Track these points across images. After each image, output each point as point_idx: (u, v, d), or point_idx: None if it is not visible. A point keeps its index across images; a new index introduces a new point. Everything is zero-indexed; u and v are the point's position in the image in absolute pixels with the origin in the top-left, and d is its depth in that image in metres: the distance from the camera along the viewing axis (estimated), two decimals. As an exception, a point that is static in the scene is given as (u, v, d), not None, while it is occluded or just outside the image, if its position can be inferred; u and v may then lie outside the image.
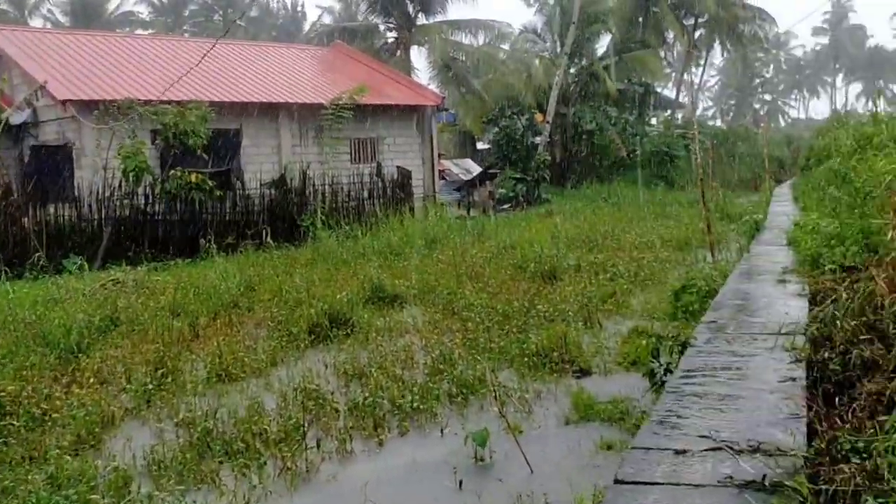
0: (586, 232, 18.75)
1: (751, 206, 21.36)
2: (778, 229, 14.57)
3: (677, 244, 16.79)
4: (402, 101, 25.72)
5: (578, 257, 15.03)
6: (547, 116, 32.06)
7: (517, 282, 13.29)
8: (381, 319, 11.25)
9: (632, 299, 11.77)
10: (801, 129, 61.77)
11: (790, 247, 12.17)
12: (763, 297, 8.76)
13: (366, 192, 23.35)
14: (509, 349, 9.17)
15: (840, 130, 20.60)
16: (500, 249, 16.51)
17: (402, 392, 7.82)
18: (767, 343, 6.78)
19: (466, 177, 30.63)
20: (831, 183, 15.10)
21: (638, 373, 8.06)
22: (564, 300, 11.60)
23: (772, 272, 10.30)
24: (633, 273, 13.50)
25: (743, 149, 40.48)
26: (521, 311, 10.89)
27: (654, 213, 22.91)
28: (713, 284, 10.27)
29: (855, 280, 8.68)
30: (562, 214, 24.53)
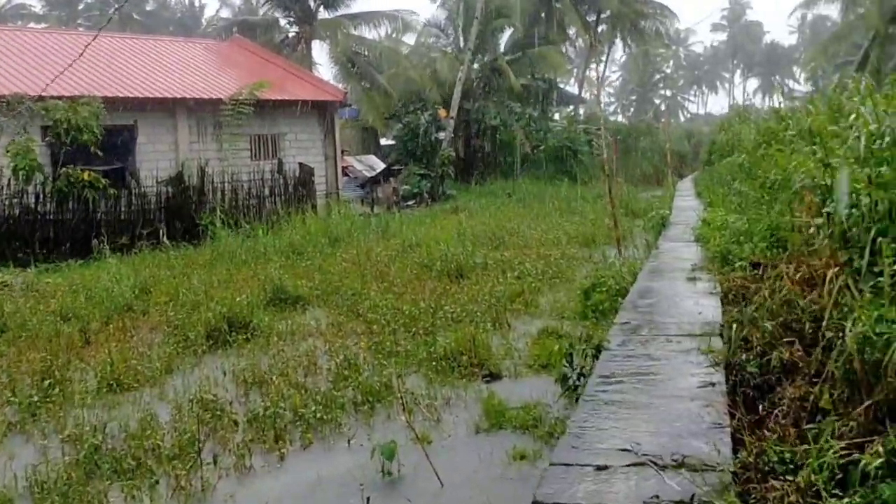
0: (492, 229, 18.57)
1: (656, 202, 21.62)
2: (684, 225, 14.65)
3: (583, 240, 16.77)
4: (303, 97, 25.03)
5: (485, 255, 14.79)
6: (451, 112, 31.84)
7: (423, 281, 12.96)
8: (282, 322, 10.75)
9: (540, 298, 11.58)
10: (701, 123, 63.61)
11: (698, 243, 12.20)
12: (675, 296, 8.66)
13: (267, 190, 22.59)
14: (416, 353, 8.82)
15: (742, 125, 21.05)
16: (405, 247, 16.14)
17: (305, 401, 7.38)
18: (683, 345, 6.62)
19: (370, 173, 30.12)
20: (736, 178, 15.32)
21: (549, 376, 7.82)
22: (472, 300, 11.32)
23: (681, 269, 10.24)
24: (541, 271, 13.34)
25: (645, 144, 41.27)
26: (428, 312, 10.55)
27: (559, 209, 22.96)
28: (623, 283, 10.16)
29: (765, 277, 8.70)
30: (467, 211, 24.38)
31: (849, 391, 4.83)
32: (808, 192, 7.33)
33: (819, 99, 13.26)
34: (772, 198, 11.44)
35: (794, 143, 12.05)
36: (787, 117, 14.55)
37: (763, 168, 13.15)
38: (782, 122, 14.52)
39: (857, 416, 4.58)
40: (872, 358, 4.65)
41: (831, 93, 12.94)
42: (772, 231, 10.25)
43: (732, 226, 10.86)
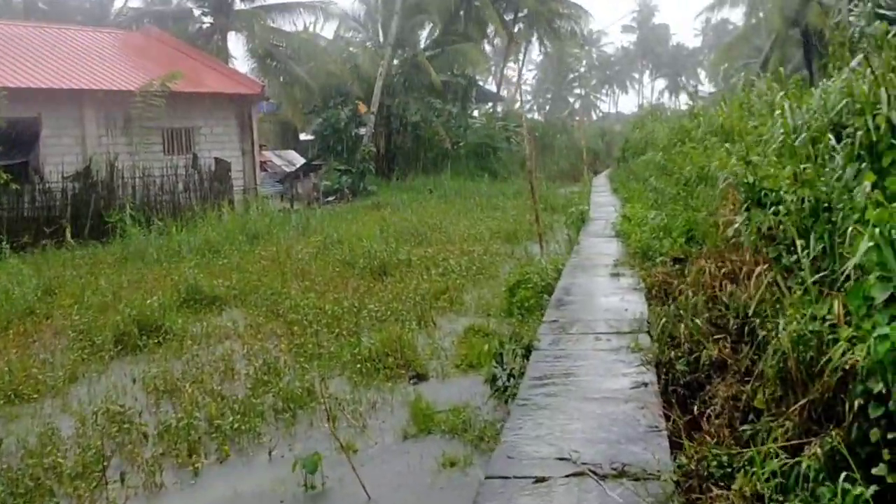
0: (415, 225, 18.25)
1: (575, 197, 21.70)
2: (604, 220, 14.66)
3: (506, 236, 16.62)
4: (219, 90, 24.19)
5: (409, 252, 14.48)
6: (371, 107, 31.35)
7: (346, 279, 12.57)
8: (197, 325, 10.22)
9: (465, 295, 11.34)
10: (612, 122, 64.70)
11: (618, 238, 12.18)
12: (601, 293, 8.54)
13: (181, 185, 21.71)
14: (340, 354, 8.46)
15: (655, 123, 21.28)
16: (326, 244, 15.69)
17: (222, 410, 6.94)
18: (612, 343, 6.47)
19: (289, 168, 29.39)
20: (652, 175, 15.41)
21: (477, 376, 7.58)
22: (396, 298, 11.00)
23: (604, 265, 10.17)
24: (465, 267, 13.10)
25: (561, 141, 41.58)
26: (352, 312, 10.19)
27: (480, 205, 22.80)
28: (547, 279, 10.01)
29: (686, 272, 8.65)
30: (389, 207, 24.01)
31: (782, 390, 4.71)
32: (732, 189, 7.26)
33: (728, 98, 13.41)
34: (688, 194, 11.47)
35: (708, 140, 12.14)
36: (699, 115, 14.70)
37: (678, 165, 13.23)
38: (695, 120, 14.64)
39: (792, 415, 4.46)
40: (806, 356, 4.53)
41: (741, 92, 13.10)
42: (689, 227, 10.26)
43: (652, 221, 10.83)
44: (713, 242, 8.92)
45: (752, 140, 10.10)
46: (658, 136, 18.87)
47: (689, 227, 10.24)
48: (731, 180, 7.12)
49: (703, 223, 9.86)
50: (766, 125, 10.51)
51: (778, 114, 10.01)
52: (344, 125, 31.93)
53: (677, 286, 8.25)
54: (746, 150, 7.00)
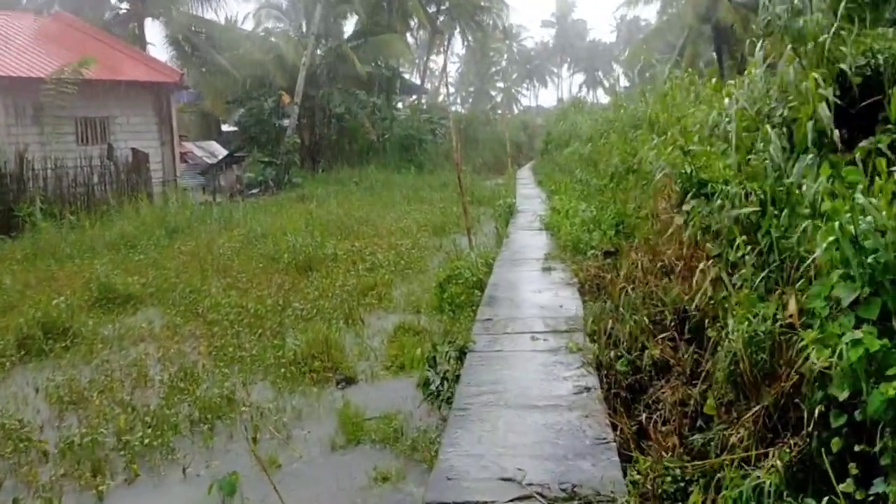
0: (341, 218, 17.62)
1: (500, 189, 21.38)
2: (532, 213, 14.33)
3: (434, 229, 16.15)
4: (135, 78, 22.93)
5: (335, 245, 13.90)
6: (295, 98, 30.34)
7: (270, 275, 11.93)
8: (109, 326, 9.44)
9: (394, 291, 10.84)
10: (533, 115, 64.86)
11: (548, 231, 11.86)
12: (534, 288, 8.16)
13: (96, 177, 20.51)
14: (263, 357, 7.88)
15: (578, 116, 21.10)
16: (249, 239, 14.96)
17: (132, 422, 6.31)
18: (550, 343, 6.08)
19: (211, 160, 28.30)
20: (578, 166, 15.15)
21: (408, 378, 7.13)
22: (323, 295, 10.44)
23: (535, 259, 9.81)
24: (393, 262, 12.60)
25: (485, 133, 41.29)
26: (276, 310, 9.60)
27: (407, 197, 22.27)
28: (478, 274, 9.60)
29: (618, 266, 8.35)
30: (314, 199, 23.23)
31: (733, 394, 4.38)
32: (668, 181, 6.95)
33: (650, 91, 13.22)
34: (616, 186, 11.22)
35: (632, 132, 11.91)
36: (622, 107, 14.49)
37: (604, 157, 12.99)
38: (619, 112, 14.43)
39: (746, 423, 4.12)
40: (759, 359, 4.20)
41: (664, 85, 12.91)
42: (619, 219, 10.00)
43: (582, 214, 10.53)
44: (643, 235, 8.66)
45: (677, 132, 9.93)
46: (582, 129, 18.67)
47: (618, 220, 9.98)
48: (669, 171, 6.80)
49: (633, 215, 9.61)
50: (691, 117, 10.36)
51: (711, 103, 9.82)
52: (267, 116, 30.91)
53: (610, 280, 7.95)
54: (685, 140, 6.67)
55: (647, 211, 8.88)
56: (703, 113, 10.39)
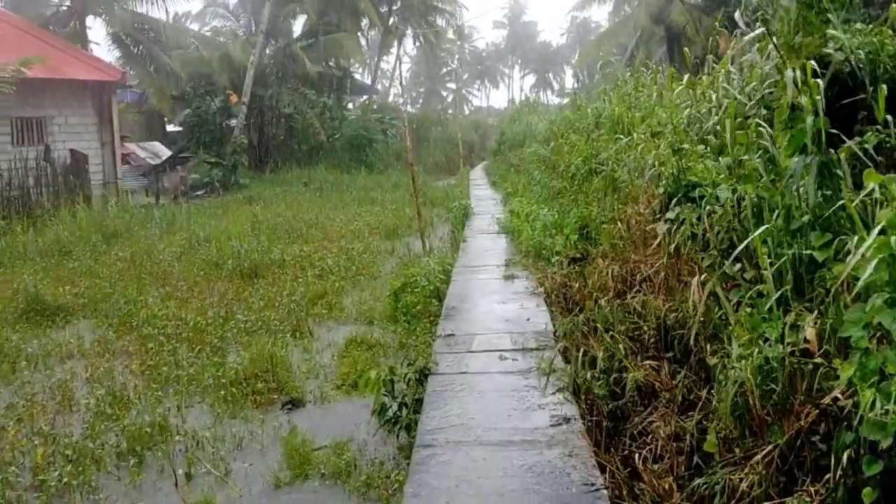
0: (289, 220, 16.80)
1: (454, 190, 20.76)
2: (488, 216, 13.74)
3: (386, 232, 15.44)
4: (74, 76, 21.72)
5: (282, 250, 13.12)
6: (243, 97, 29.30)
7: (212, 283, 11.11)
8: (35, 342, 8.53)
9: (345, 299, 10.13)
10: (485, 115, 64.45)
11: (507, 235, 11.27)
12: (497, 299, 7.54)
13: (31, 180, 19.32)
14: (202, 377, 7.09)
15: (533, 116, 20.59)
16: (192, 243, 14.05)
17: (51, 457, 5.49)
18: (519, 363, 5.46)
19: (155, 161, 27.05)
20: (536, 167, 14.59)
21: (361, 399, 6.43)
22: (269, 304, 9.68)
23: (496, 265, 9.20)
24: (344, 267, 11.87)
25: (436, 133, 40.67)
26: (217, 323, 8.81)
27: (358, 199, 21.49)
28: (435, 282, 8.94)
29: (586, 273, 7.79)
30: (262, 201, 22.34)
31: (739, 430, 3.79)
32: (649, 183, 6.38)
33: (609, 91, 12.75)
34: (579, 188, 10.67)
35: (597, 131, 11.39)
36: (582, 107, 13.99)
37: (563, 158, 12.44)
38: (579, 111, 13.91)
39: (756, 465, 3.54)
40: (772, 391, 3.62)
41: (624, 84, 12.43)
42: (583, 222, 9.44)
43: (543, 218, 9.94)
44: (609, 240, 8.12)
45: (643, 131, 9.41)
46: (538, 129, 18.16)
47: (582, 224, 9.42)
48: (651, 172, 6.23)
49: (598, 219, 9.06)
50: (656, 116, 9.86)
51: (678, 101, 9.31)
52: (214, 116, 29.80)
53: (578, 290, 7.38)
54: (678, 138, 6.10)
55: (615, 214, 8.34)
56: (667, 112, 9.96)
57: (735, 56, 8.33)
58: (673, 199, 5.46)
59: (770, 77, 6.48)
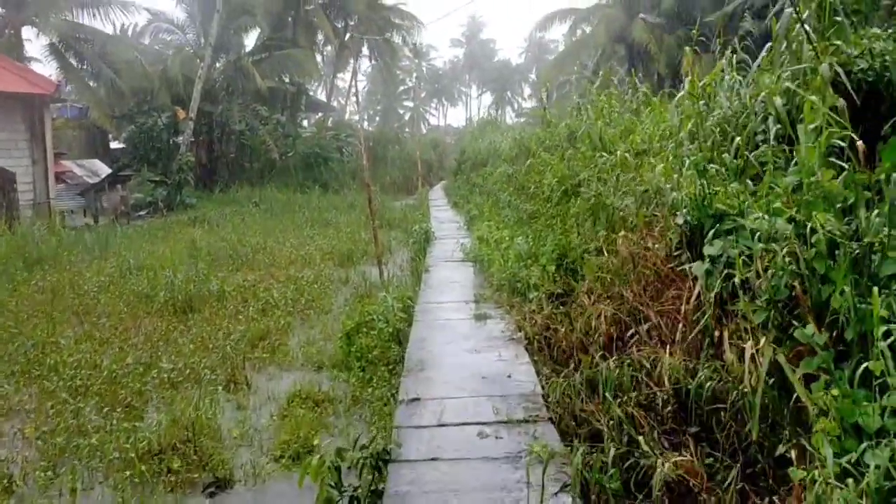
0: (234, 244, 15.42)
1: (412, 211, 19.55)
2: (452, 241, 12.55)
3: (340, 257, 14.16)
4: (2, 88, 20.09)
5: (223, 279, 11.78)
6: (190, 112, 27.72)
7: (140, 318, 9.75)
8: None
9: (291, 339, 8.83)
10: (442, 134, 63.39)
11: (474, 264, 10.09)
12: (469, 347, 6.32)
13: (-49, 199, 17.69)
14: (108, 447, 5.73)
15: (496, 134, 19.52)
16: (124, 271, 12.61)
17: None
18: (505, 442, 4.26)
19: (93, 179, 25.39)
20: (503, 188, 13.46)
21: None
22: (202, 346, 8.35)
23: (465, 301, 8.00)
24: (291, 299, 10.58)
25: (393, 152, 39.50)
26: (137, 372, 7.44)
27: (310, 220, 20.15)
28: (395, 321, 7.70)
29: (571, 314, 6.65)
30: (207, 223, 20.88)
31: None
32: (662, 211, 5.25)
33: (585, 104, 11.74)
34: (555, 212, 9.55)
35: (573, 149, 10.31)
36: (552, 123, 12.94)
37: (534, 178, 11.34)
38: (549, 127, 12.85)
39: None
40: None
41: (599, 102, 11.41)
42: (561, 252, 8.31)
43: (516, 246, 8.77)
44: (593, 272, 7.00)
45: (624, 148, 8.35)
46: (502, 147, 17.05)
47: (560, 253, 8.29)
48: (668, 198, 5.10)
49: (580, 248, 7.94)
50: (640, 132, 8.81)
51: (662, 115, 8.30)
52: (160, 132, 28.15)
53: (564, 335, 6.21)
54: (710, 155, 4.98)
55: (601, 243, 7.23)
56: (651, 126, 8.90)
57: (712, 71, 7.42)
58: (695, 230, 4.33)
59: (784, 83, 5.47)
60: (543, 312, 6.84)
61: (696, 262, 4.11)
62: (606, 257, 6.85)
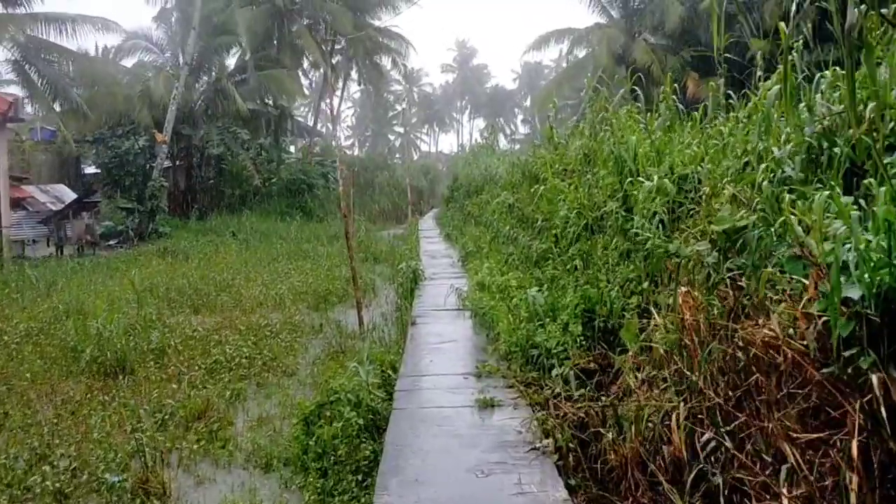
0: (196, 281, 13.39)
1: (400, 244, 17.58)
2: (444, 281, 10.57)
3: (314, 298, 12.19)
4: (-48, 106, 18.13)
5: (174, 326, 9.81)
6: (164, 135, 25.65)
7: (55, 383, 7.73)
8: None
9: (238, 415, 6.81)
10: (434, 160, 61.52)
11: (473, 315, 8.10)
12: (471, 461, 4.30)
13: None
14: None
15: (491, 158, 17.61)
16: (57, 316, 10.59)
17: None
18: None
19: (57, 206, 23.33)
20: (503, 220, 11.48)
21: None
22: (118, 427, 6.32)
23: (462, 375, 6.01)
24: (249, 355, 8.57)
25: (382, 179, 37.66)
26: (15, 477, 5.40)
27: (288, 253, 18.15)
28: (369, 400, 5.70)
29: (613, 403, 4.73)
30: (179, 254, 18.89)
31: None
32: (814, 273, 3.27)
33: (599, 122, 9.82)
34: (576, 251, 7.59)
35: (591, 174, 8.38)
36: (559, 146, 11.00)
37: (541, 207, 9.37)
38: (556, 149, 10.90)
39: None
40: None
41: (614, 118, 9.49)
42: (587, 306, 6.36)
43: (528, 298, 6.77)
44: (633, 338, 5.11)
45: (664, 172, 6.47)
46: (498, 172, 15.10)
47: (586, 307, 6.32)
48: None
49: (615, 301, 6.00)
50: (678, 154, 6.93)
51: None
52: (135, 156, 26.09)
53: (613, 446, 4.24)
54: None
55: (650, 296, 5.31)
56: (698, 149, 7.02)
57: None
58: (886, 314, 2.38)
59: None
60: (575, 402, 4.86)
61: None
62: (660, 321, 4.91)
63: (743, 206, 4.82)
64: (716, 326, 4.33)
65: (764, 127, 5.09)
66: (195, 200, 29.25)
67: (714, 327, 4.35)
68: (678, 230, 5.73)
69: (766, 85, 5.94)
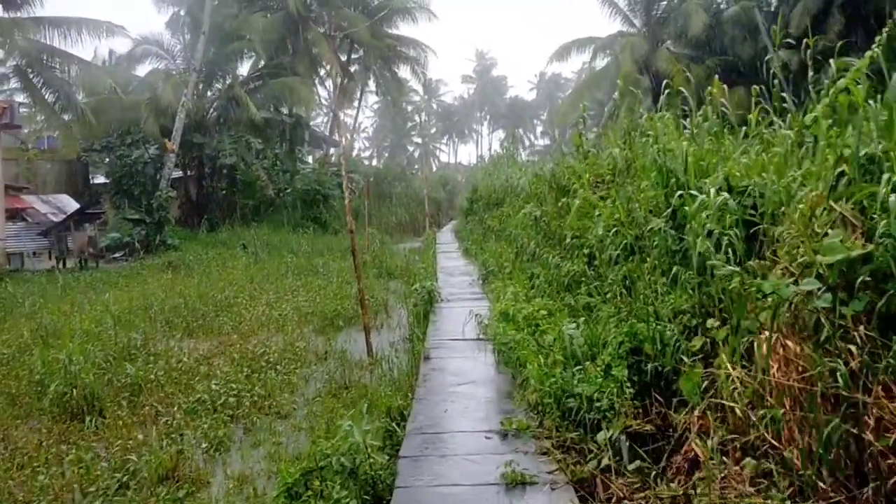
0: (195, 299, 12.34)
1: (417, 259, 16.45)
2: (462, 305, 9.43)
3: (322, 320, 11.08)
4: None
5: (156, 356, 8.72)
6: (173, 144, 24.68)
7: (11, 425, 6.66)
8: None
9: (214, 474, 5.68)
10: (453, 171, 60.47)
11: (495, 350, 6.94)
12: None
13: None
14: None
15: (513, 168, 16.47)
16: (27, 343, 9.54)
17: None
18: None
19: (59, 217, 22.42)
20: (528, 236, 10.31)
21: None
22: (66, 487, 5.22)
23: (485, 431, 4.85)
24: (239, 390, 7.47)
25: (400, 189, 36.61)
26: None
27: (297, 268, 17.07)
28: (367, 467, 4.55)
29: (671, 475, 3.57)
30: (184, 268, 17.92)
31: None
32: None
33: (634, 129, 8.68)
34: (618, 278, 6.43)
35: (632, 185, 7.23)
36: (590, 155, 9.83)
37: (573, 223, 8.20)
38: (586, 158, 9.72)
39: None
40: None
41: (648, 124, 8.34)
42: (633, 344, 5.21)
43: (565, 334, 5.61)
44: (693, 392, 4.00)
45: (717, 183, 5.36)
46: (520, 184, 13.94)
47: (631, 345, 5.17)
48: None
49: (669, 341, 4.86)
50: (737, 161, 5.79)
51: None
52: (144, 166, 25.18)
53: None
54: None
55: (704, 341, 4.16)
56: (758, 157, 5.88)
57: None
58: None
59: None
60: (629, 480, 3.70)
61: None
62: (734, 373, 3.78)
63: (855, 230, 3.66)
64: (827, 395, 3.19)
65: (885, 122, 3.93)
66: (206, 211, 28.31)
67: (826, 396, 3.19)
68: (756, 257, 4.57)
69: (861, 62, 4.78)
